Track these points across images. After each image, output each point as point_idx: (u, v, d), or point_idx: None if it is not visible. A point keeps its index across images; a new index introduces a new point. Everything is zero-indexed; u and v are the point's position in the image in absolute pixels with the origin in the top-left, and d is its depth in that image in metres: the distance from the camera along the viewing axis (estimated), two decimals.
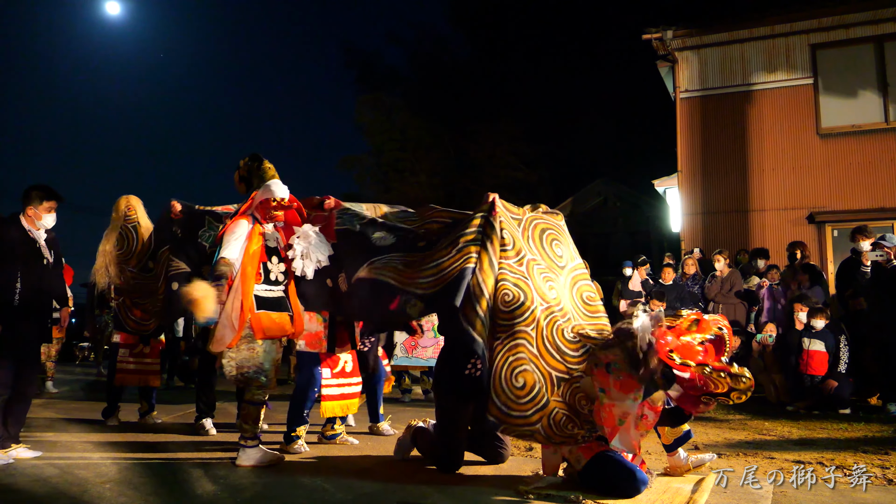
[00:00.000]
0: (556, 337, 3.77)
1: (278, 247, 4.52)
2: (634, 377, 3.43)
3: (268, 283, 4.39)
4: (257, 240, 4.40)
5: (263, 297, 4.35)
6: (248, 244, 4.36)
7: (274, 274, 4.43)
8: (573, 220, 18.17)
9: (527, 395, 3.67)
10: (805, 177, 10.99)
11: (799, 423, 6.05)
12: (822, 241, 10.68)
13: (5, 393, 4.45)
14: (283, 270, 4.48)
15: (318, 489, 3.71)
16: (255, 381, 4.28)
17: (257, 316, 4.26)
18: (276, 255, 4.47)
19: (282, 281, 4.47)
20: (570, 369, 3.69)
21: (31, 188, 4.69)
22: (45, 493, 3.60)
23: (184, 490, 3.70)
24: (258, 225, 4.46)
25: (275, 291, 4.42)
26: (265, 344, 4.29)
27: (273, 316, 4.34)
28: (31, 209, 4.64)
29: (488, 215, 4.10)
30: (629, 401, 3.44)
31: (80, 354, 18.47)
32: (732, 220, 11.40)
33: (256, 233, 4.41)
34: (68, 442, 5.10)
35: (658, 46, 11.90)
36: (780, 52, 11.36)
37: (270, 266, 4.42)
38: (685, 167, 11.81)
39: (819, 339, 7.12)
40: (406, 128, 24.04)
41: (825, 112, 11.02)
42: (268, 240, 4.47)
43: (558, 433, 3.61)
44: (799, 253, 8.72)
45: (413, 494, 3.59)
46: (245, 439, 4.28)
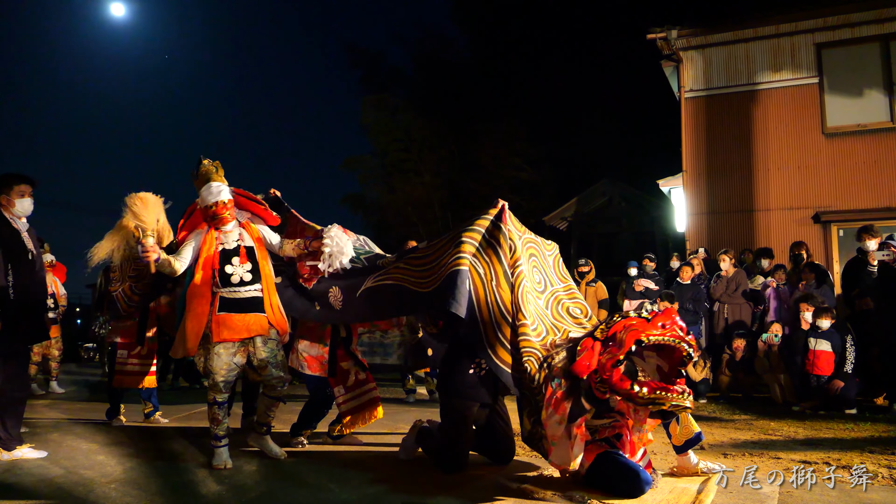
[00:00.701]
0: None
1: (241, 244, 4.44)
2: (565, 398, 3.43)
3: (231, 286, 4.35)
4: (209, 247, 4.39)
5: (228, 298, 4.33)
6: (200, 252, 4.38)
7: (237, 275, 4.36)
8: (578, 221, 18.22)
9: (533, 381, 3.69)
10: (810, 176, 10.95)
11: (805, 424, 6.03)
12: (828, 241, 10.64)
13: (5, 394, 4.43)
14: (248, 269, 4.40)
15: (323, 489, 3.71)
16: (208, 383, 4.38)
17: (218, 318, 4.29)
18: (235, 255, 4.40)
19: (248, 280, 4.39)
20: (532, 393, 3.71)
21: (0, 175, 4.52)
22: (50, 492, 3.60)
23: (188, 490, 3.71)
24: (213, 230, 4.44)
25: (241, 292, 4.37)
26: (218, 348, 4.28)
27: (235, 317, 4.31)
28: (4, 197, 4.48)
29: (498, 220, 4.10)
30: (554, 422, 3.44)
31: (85, 355, 18.52)
32: (737, 219, 11.36)
33: (211, 238, 4.41)
34: (73, 442, 5.11)
35: (662, 46, 11.87)
36: (785, 52, 11.32)
37: (231, 269, 4.36)
38: (690, 167, 11.78)
39: (825, 339, 7.09)
40: (410, 128, 23.99)
41: (830, 111, 10.98)
42: (225, 243, 4.42)
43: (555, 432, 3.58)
44: (804, 252, 8.69)
45: (418, 494, 3.59)
46: (210, 441, 4.36)
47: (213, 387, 4.33)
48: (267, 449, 4.55)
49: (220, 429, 4.31)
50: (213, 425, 4.32)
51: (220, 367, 4.29)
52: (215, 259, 4.36)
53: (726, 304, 8.58)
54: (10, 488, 3.69)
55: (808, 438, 5.29)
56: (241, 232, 4.51)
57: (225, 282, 4.34)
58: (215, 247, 4.39)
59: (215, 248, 4.39)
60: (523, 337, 3.78)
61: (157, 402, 6.42)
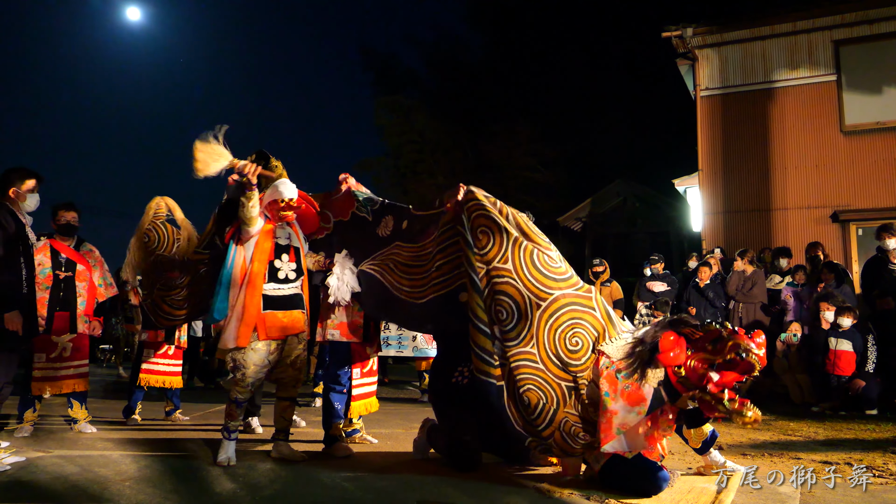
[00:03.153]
0: (558, 346, 3.68)
1: (290, 244, 4.47)
2: (642, 389, 3.37)
3: (276, 282, 4.34)
4: (267, 238, 4.37)
5: (272, 296, 4.31)
6: (258, 241, 4.34)
7: (283, 272, 4.37)
8: (592, 221, 18.16)
9: (534, 412, 3.63)
10: (829, 175, 10.82)
11: (825, 424, 5.95)
12: (847, 240, 10.50)
13: (9, 389, 4.42)
14: (293, 268, 4.43)
15: (337, 487, 3.69)
16: (235, 378, 4.29)
17: (263, 317, 4.25)
18: (286, 252, 4.43)
19: (293, 279, 4.41)
20: (576, 377, 3.63)
21: (7, 171, 4.54)
22: (65, 490, 3.60)
23: (203, 488, 3.69)
24: (269, 223, 4.43)
25: (284, 290, 4.37)
26: (259, 345, 4.24)
27: (280, 315, 4.30)
28: (14, 190, 4.49)
29: (456, 224, 4.04)
30: (633, 413, 3.38)
31: (101, 356, 18.63)
32: (754, 219, 11.25)
33: (266, 231, 4.39)
34: (88, 440, 5.12)
35: (678, 44, 11.79)
36: (803, 49, 11.20)
37: (279, 264, 4.37)
38: (706, 166, 11.68)
39: (846, 339, 7.00)
40: (424, 129, 24.05)
41: (849, 109, 10.84)
42: (279, 238, 4.44)
43: (573, 444, 3.56)
44: (820, 253, 8.58)
45: (433, 493, 3.56)
46: (221, 431, 4.31)
47: (240, 382, 4.26)
48: (289, 455, 4.39)
49: (233, 424, 4.30)
50: (228, 419, 4.30)
51: (253, 363, 4.24)
52: (271, 252, 4.37)
53: (741, 303, 8.48)
54: (25, 486, 3.69)
55: (828, 439, 5.21)
56: (291, 232, 4.54)
57: (272, 276, 4.33)
58: (272, 241, 4.40)
59: (272, 242, 4.39)
60: (518, 362, 3.71)
61: (178, 402, 6.46)
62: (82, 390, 5.51)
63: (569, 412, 3.59)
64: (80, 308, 5.46)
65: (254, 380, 4.29)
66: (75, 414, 5.46)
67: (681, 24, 11.63)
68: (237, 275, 4.31)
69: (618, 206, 18.22)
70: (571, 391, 3.61)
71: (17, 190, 4.50)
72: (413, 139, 24.18)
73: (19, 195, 4.51)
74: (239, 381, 4.26)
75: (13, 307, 4.25)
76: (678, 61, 12.28)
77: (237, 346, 4.21)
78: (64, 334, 5.35)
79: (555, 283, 3.81)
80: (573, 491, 3.48)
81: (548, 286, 3.80)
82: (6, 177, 4.50)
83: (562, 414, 3.58)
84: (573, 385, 3.62)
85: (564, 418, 3.57)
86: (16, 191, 4.50)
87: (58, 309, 5.35)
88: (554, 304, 3.76)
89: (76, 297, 5.44)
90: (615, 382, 3.47)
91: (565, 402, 3.59)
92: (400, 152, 24.72)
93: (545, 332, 3.72)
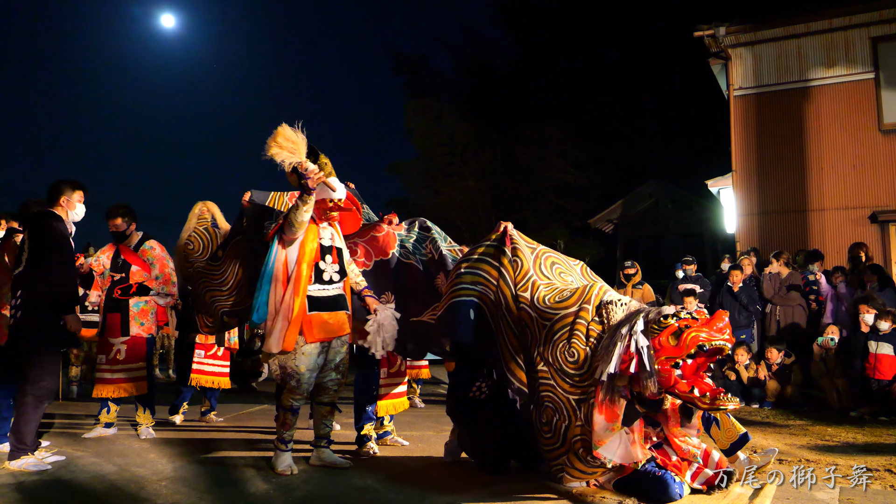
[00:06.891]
0: (560, 361, 3.60)
1: (333, 245, 4.38)
2: (616, 403, 3.29)
3: (321, 283, 4.25)
4: (313, 238, 4.28)
5: (316, 297, 4.22)
6: (303, 241, 4.25)
7: (328, 273, 4.28)
8: (623, 223, 18.00)
9: (550, 430, 3.60)
10: (867, 175, 10.60)
11: (864, 429, 5.82)
12: (886, 242, 10.27)
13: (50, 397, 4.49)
14: (337, 269, 4.34)
15: (368, 489, 3.71)
16: (288, 385, 4.18)
17: (308, 318, 4.16)
18: (329, 254, 4.33)
19: (336, 280, 4.33)
20: (584, 389, 3.48)
21: (57, 182, 4.65)
22: (103, 489, 3.68)
23: (237, 489, 3.75)
24: (314, 223, 4.33)
25: (329, 290, 4.28)
26: (308, 347, 4.15)
27: (325, 316, 4.22)
28: (65, 198, 4.60)
29: (501, 244, 4.07)
30: (607, 430, 3.27)
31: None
32: (790, 220, 11.06)
33: (312, 231, 4.31)
34: (126, 440, 5.21)
35: (710, 44, 11.65)
36: (839, 47, 10.99)
37: (323, 266, 4.28)
38: (740, 167, 11.52)
39: (887, 343, 6.83)
40: (454, 132, 24.01)
41: (888, 107, 10.61)
42: (322, 238, 4.34)
43: (586, 468, 3.45)
44: (863, 254, 8.40)
45: (463, 496, 3.57)
46: (276, 441, 4.23)
47: (294, 389, 4.15)
48: (331, 461, 4.33)
49: (288, 434, 4.22)
50: (283, 429, 4.20)
51: (306, 367, 4.14)
52: (317, 254, 4.30)
53: (778, 305, 8.34)
54: (65, 485, 3.78)
55: (867, 444, 5.11)
56: (333, 233, 4.45)
57: (317, 278, 4.26)
58: (317, 242, 4.33)
59: (317, 243, 4.32)
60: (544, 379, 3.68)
61: (215, 403, 6.56)
62: (142, 394, 5.44)
63: (577, 426, 3.45)
64: (134, 310, 5.43)
65: (308, 385, 4.19)
66: (138, 418, 5.47)
67: (713, 23, 11.50)
68: (279, 272, 4.21)
69: (650, 207, 18.03)
70: (581, 404, 3.47)
71: (67, 199, 4.63)
72: (443, 141, 24.16)
73: (69, 205, 4.64)
74: (294, 388, 4.15)
75: (73, 310, 4.41)
76: (711, 61, 12.13)
77: (283, 350, 4.11)
78: (116, 337, 5.41)
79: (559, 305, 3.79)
80: (605, 495, 3.46)
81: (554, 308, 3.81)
82: (57, 187, 4.62)
83: (574, 430, 3.46)
84: (583, 397, 3.48)
85: (575, 437, 3.46)
86: (66, 200, 4.62)
87: (109, 311, 5.45)
88: (556, 323, 3.71)
89: (128, 300, 5.47)
90: (600, 393, 3.36)
91: (576, 418, 3.48)
92: (430, 155, 24.72)
93: (549, 347, 3.66)
